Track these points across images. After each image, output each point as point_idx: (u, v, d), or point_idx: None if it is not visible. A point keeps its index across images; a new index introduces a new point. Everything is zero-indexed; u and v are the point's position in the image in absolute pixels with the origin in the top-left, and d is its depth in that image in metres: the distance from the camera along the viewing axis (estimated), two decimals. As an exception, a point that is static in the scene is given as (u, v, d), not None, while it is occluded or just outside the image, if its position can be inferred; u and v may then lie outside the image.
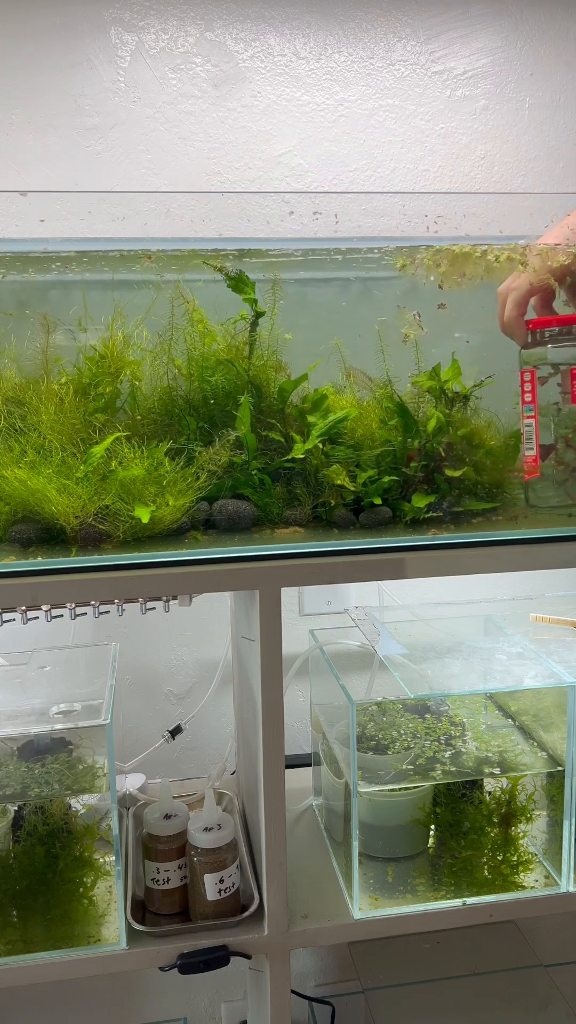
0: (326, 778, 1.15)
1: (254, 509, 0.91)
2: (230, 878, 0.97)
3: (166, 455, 0.87)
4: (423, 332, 0.92)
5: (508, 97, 1.41)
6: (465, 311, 0.98)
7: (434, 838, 1.08)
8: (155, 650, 1.40)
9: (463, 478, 0.93)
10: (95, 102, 1.30)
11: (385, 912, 0.98)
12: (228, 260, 0.90)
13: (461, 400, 0.94)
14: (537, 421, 0.88)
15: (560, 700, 1.02)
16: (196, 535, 0.89)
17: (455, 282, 0.94)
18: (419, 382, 0.95)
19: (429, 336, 0.95)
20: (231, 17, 1.32)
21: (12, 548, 0.86)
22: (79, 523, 0.85)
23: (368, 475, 0.91)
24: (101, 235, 0.85)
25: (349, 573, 0.88)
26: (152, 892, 0.98)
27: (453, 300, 0.97)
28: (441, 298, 0.96)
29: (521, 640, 1.15)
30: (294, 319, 0.94)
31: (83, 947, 0.93)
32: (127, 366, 0.91)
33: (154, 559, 0.86)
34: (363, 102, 1.36)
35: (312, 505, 0.92)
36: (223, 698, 1.41)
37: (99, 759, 0.95)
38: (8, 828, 0.98)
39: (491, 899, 1.00)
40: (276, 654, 0.89)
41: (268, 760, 0.92)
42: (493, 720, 1.14)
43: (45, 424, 0.87)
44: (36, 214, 0.84)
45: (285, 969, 0.97)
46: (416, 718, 1.10)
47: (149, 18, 1.30)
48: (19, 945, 0.92)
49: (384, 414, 0.94)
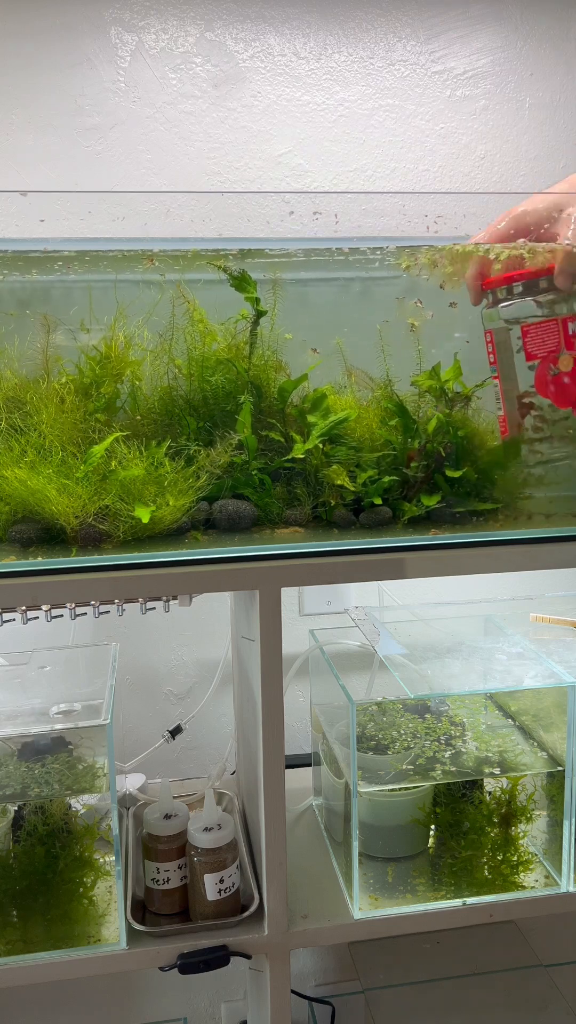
0: (326, 778, 1.15)
1: (254, 509, 0.91)
2: (230, 878, 0.97)
3: (166, 455, 0.87)
4: (429, 316, 0.92)
5: (508, 97, 1.41)
6: (468, 310, 0.98)
7: (434, 838, 1.08)
8: (155, 650, 1.40)
9: (463, 478, 0.93)
10: (95, 102, 1.30)
11: (385, 912, 0.98)
12: (228, 260, 0.90)
13: (462, 400, 0.94)
14: (502, 382, 0.87)
15: (560, 700, 1.02)
16: (196, 535, 0.89)
17: (456, 283, 0.94)
18: (419, 382, 0.95)
19: (431, 337, 0.95)
20: (231, 17, 1.32)
21: (12, 548, 0.86)
22: (79, 523, 0.85)
23: (368, 475, 0.91)
24: (101, 235, 0.85)
25: (349, 573, 0.88)
26: (152, 892, 0.98)
27: (456, 300, 0.97)
28: (442, 298, 0.96)
29: (521, 640, 1.15)
30: (295, 319, 0.94)
31: (83, 947, 0.93)
32: (128, 366, 0.91)
33: (154, 559, 0.86)
34: (363, 102, 1.36)
35: (312, 505, 0.92)
36: (223, 698, 1.41)
37: (99, 759, 0.95)
38: (8, 828, 0.98)
39: (491, 899, 1.00)
40: (276, 654, 0.89)
41: (268, 760, 0.92)
42: (493, 720, 1.15)
43: (45, 424, 0.87)
44: (36, 214, 0.84)
45: (285, 969, 0.97)
46: (416, 718, 1.10)
47: (149, 18, 1.30)
48: (19, 945, 0.92)
49: (384, 414, 0.94)
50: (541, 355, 0.82)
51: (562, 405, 0.82)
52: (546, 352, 0.81)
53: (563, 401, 0.81)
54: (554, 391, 0.81)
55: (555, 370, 0.81)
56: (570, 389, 0.81)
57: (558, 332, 0.81)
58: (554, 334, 0.81)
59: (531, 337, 0.82)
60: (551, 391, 0.81)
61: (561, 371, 0.81)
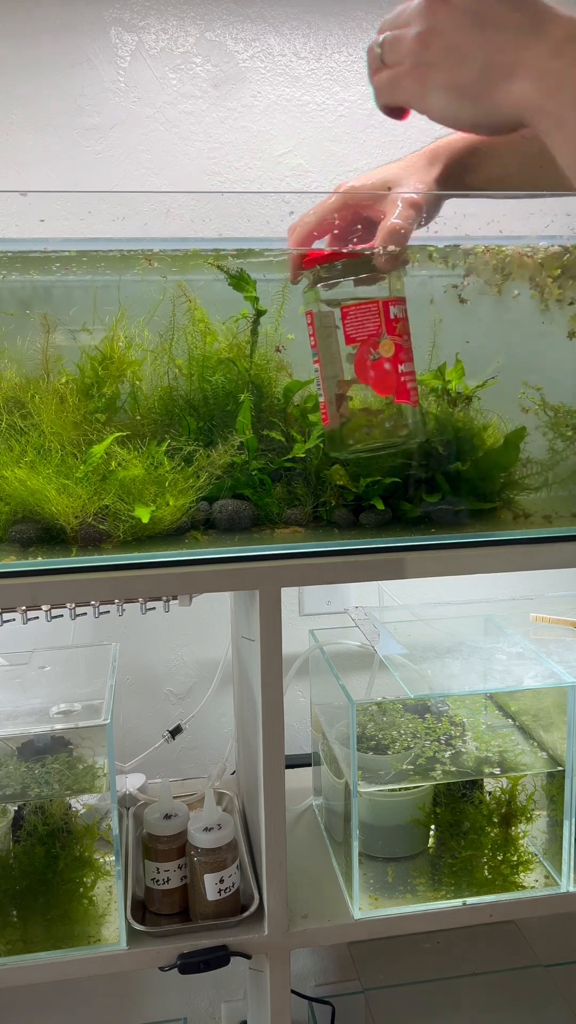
0: (326, 778, 1.15)
1: (254, 509, 0.91)
2: (230, 878, 0.97)
3: (166, 455, 0.87)
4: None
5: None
6: (469, 311, 0.98)
7: (434, 838, 1.08)
8: (155, 650, 1.40)
9: (463, 478, 0.93)
10: (95, 102, 1.30)
11: (385, 912, 0.98)
12: (228, 260, 0.90)
13: (464, 401, 0.94)
14: (322, 366, 0.81)
15: (560, 700, 1.02)
16: (196, 535, 0.89)
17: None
18: (423, 381, 0.94)
19: (432, 337, 0.95)
20: (231, 17, 1.32)
21: (12, 548, 0.86)
22: (79, 523, 0.85)
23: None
24: (101, 235, 0.85)
25: (349, 573, 0.88)
26: (152, 892, 0.98)
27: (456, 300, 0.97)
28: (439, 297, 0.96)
29: (521, 640, 1.15)
30: (295, 319, 0.94)
31: (83, 947, 0.93)
32: (129, 366, 0.91)
33: (154, 559, 0.86)
34: (363, 102, 1.36)
35: (312, 505, 0.92)
36: (223, 698, 1.41)
37: (99, 759, 0.95)
38: (8, 828, 0.98)
39: (491, 899, 1.00)
40: (276, 654, 0.89)
41: (268, 760, 0.92)
42: (493, 720, 1.15)
43: (45, 424, 0.87)
44: (36, 214, 0.84)
45: (285, 969, 0.97)
46: (416, 718, 1.10)
47: (149, 18, 1.30)
48: (19, 945, 0.92)
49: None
50: (361, 339, 0.76)
51: (382, 392, 0.76)
52: (366, 336, 0.75)
53: (383, 388, 0.76)
54: (374, 376, 0.76)
55: (375, 355, 0.75)
56: (391, 376, 0.76)
57: (379, 315, 0.75)
58: (375, 317, 0.75)
59: (350, 319, 0.76)
60: (371, 377, 0.76)
61: (382, 356, 0.75)
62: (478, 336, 0.99)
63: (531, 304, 0.98)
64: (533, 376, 0.97)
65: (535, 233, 0.92)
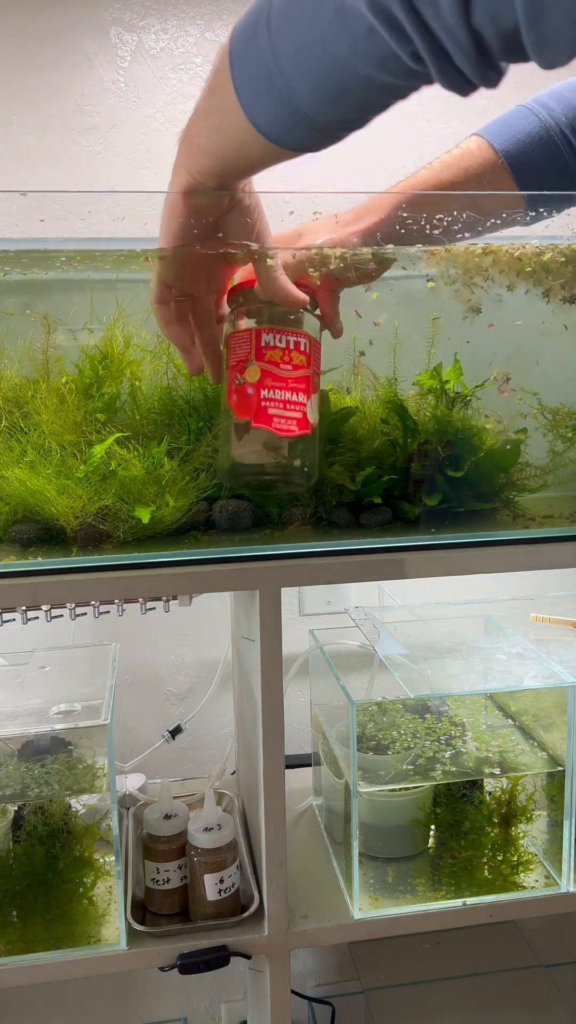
0: (326, 778, 1.15)
1: (254, 509, 0.91)
2: (230, 878, 0.97)
3: (167, 455, 0.87)
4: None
5: (508, 97, 1.40)
6: (466, 311, 0.98)
7: (434, 838, 1.08)
8: (155, 650, 1.40)
9: (463, 478, 0.93)
10: (95, 102, 1.30)
11: (385, 912, 0.98)
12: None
13: (462, 401, 0.94)
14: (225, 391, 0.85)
15: (560, 700, 1.02)
16: (196, 535, 0.89)
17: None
18: (421, 381, 0.95)
19: (435, 337, 0.95)
20: (231, 17, 1.32)
21: (12, 548, 0.86)
22: (79, 523, 0.85)
23: (367, 473, 0.91)
24: (101, 235, 0.85)
25: (349, 573, 0.88)
26: (152, 892, 0.98)
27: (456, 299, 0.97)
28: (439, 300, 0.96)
29: (521, 640, 1.15)
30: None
31: (83, 947, 0.93)
32: (128, 366, 0.91)
33: (154, 559, 0.86)
34: (363, 102, 1.36)
35: (312, 505, 0.92)
36: (223, 698, 1.41)
37: (99, 759, 0.95)
38: (8, 828, 0.98)
39: (491, 899, 1.00)
40: (276, 654, 0.89)
41: (268, 760, 0.92)
42: (493, 720, 1.15)
43: (45, 424, 0.87)
44: (36, 214, 0.84)
45: (285, 969, 0.97)
46: (416, 718, 1.10)
47: (149, 18, 1.30)
48: (19, 945, 0.92)
49: (385, 414, 0.94)
50: (232, 364, 0.80)
51: (242, 416, 0.79)
52: (236, 362, 0.80)
53: (243, 411, 0.79)
54: (236, 400, 0.79)
55: (240, 380, 0.79)
56: (252, 400, 0.78)
57: (250, 342, 0.79)
58: (246, 344, 0.79)
59: (231, 347, 0.81)
60: (234, 400, 0.79)
61: (246, 381, 0.78)
62: (474, 337, 0.99)
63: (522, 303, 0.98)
64: (533, 376, 0.97)
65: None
